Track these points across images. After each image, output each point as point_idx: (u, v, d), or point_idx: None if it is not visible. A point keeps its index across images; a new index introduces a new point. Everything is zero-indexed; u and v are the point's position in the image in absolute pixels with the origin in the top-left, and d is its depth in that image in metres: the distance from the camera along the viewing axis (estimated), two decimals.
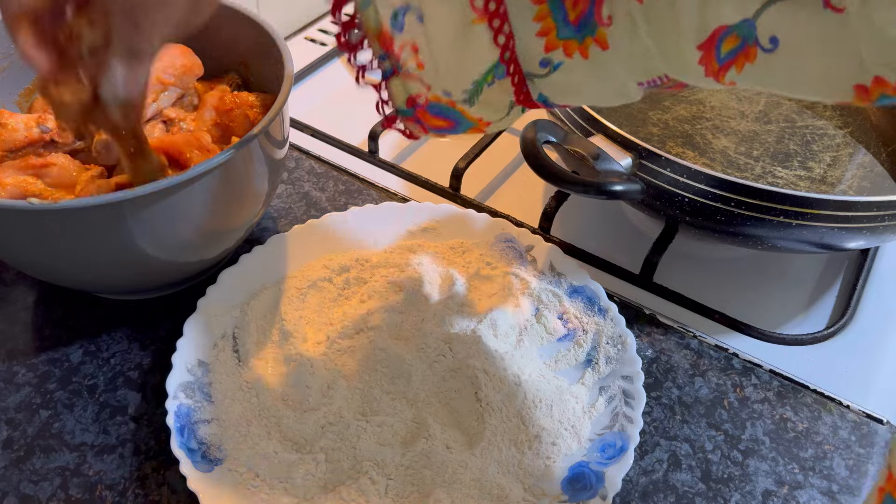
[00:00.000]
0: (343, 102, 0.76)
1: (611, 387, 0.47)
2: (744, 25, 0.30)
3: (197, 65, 0.54)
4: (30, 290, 0.55)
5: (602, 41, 0.33)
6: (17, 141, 0.49)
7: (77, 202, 0.40)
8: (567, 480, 0.43)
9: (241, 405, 0.45)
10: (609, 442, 0.44)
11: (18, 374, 0.49)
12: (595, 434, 0.45)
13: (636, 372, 0.47)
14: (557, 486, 0.42)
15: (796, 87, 0.31)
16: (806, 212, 0.46)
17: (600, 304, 0.52)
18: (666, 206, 0.51)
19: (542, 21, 0.33)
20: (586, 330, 0.50)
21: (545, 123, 0.51)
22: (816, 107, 0.68)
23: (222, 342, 0.48)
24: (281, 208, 0.62)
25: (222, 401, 0.45)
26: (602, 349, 0.49)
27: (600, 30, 0.33)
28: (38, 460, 0.45)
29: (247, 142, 0.44)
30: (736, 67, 0.31)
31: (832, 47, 0.29)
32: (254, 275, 0.52)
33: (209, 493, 0.40)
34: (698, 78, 0.33)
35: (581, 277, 0.53)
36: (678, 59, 0.32)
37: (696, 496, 0.44)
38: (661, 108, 0.66)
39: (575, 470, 0.43)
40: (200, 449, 0.43)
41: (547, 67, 0.35)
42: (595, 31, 0.33)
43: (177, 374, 0.46)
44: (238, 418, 0.45)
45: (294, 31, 0.87)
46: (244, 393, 0.46)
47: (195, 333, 0.48)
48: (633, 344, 0.49)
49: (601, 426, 0.45)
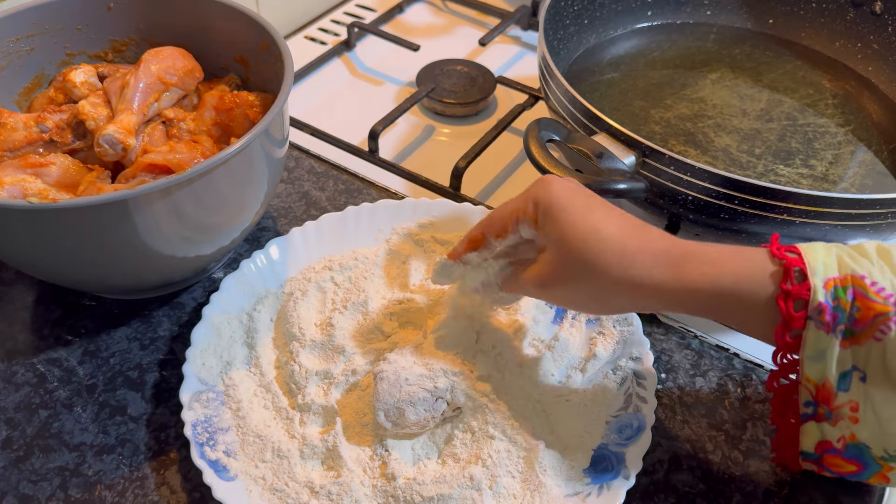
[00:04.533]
0: (343, 102, 0.76)
1: (622, 368, 0.47)
2: None
3: (198, 68, 0.54)
4: (29, 290, 0.54)
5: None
6: (16, 140, 0.49)
7: (77, 201, 0.39)
8: (589, 464, 0.43)
9: (257, 411, 0.45)
10: (626, 423, 0.44)
11: (18, 374, 0.49)
12: (611, 416, 0.45)
13: (645, 353, 0.47)
14: (580, 472, 0.43)
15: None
16: (809, 209, 0.46)
17: None
18: (669, 203, 0.51)
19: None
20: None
21: (549, 122, 0.50)
22: (818, 104, 0.67)
23: (231, 349, 0.48)
24: (281, 207, 0.61)
25: (238, 408, 0.45)
26: (608, 332, 0.49)
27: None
28: (37, 460, 0.45)
29: (247, 141, 0.44)
30: None
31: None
32: (256, 280, 0.52)
33: (236, 502, 0.40)
34: None
35: None
36: None
37: (697, 496, 0.44)
38: (664, 106, 0.66)
39: (595, 453, 0.43)
40: (220, 459, 0.43)
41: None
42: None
43: (189, 385, 0.45)
44: (256, 424, 0.44)
45: (294, 30, 0.87)
46: (259, 399, 0.46)
47: (203, 342, 0.48)
48: (640, 325, 0.49)
49: (616, 408, 0.46)
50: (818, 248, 0.36)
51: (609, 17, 0.73)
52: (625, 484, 0.42)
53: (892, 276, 0.34)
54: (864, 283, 0.34)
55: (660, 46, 0.74)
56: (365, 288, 0.52)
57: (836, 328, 0.34)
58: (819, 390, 0.36)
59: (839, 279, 0.35)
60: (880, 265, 0.35)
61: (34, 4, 0.53)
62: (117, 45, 0.58)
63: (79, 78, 0.53)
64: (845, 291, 0.34)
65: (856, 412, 0.35)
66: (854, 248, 0.36)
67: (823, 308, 0.34)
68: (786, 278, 0.35)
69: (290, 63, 0.50)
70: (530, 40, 0.86)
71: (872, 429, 0.36)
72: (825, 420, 0.37)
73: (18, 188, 0.45)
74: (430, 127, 0.73)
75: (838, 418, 0.36)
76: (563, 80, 0.54)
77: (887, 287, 0.34)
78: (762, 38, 0.76)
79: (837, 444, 0.37)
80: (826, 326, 0.34)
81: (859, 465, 0.38)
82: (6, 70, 0.54)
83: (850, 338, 0.34)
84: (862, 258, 0.35)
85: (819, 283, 0.34)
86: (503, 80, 0.75)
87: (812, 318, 0.35)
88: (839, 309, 0.34)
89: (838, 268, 0.35)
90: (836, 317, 0.34)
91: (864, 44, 0.72)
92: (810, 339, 0.35)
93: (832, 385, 0.35)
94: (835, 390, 0.35)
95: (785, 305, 0.35)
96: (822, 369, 0.35)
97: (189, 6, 0.56)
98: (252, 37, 0.54)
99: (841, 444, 0.37)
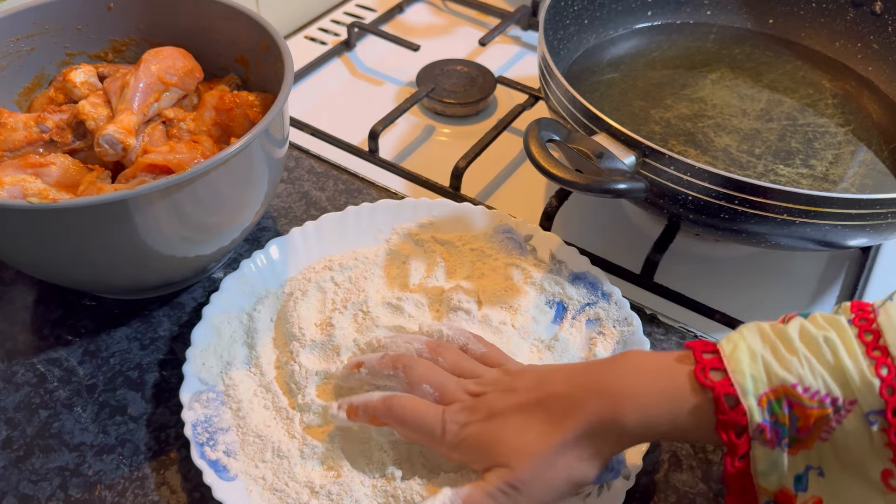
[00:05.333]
0: (343, 102, 0.76)
1: None
2: None
3: (198, 69, 0.54)
4: (29, 290, 0.54)
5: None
6: (16, 140, 0.49)
7: (77, 201, 0.39)
8: None
9: (257, 411, 0.45)
10: None
11: (18, 374, 0.49)
12: None
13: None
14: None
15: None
16: (809, 209, 0.46)
17: (603, 290, 0.52)
18: (669, 203, 0.51)
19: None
20: (596, 317, 0.51)
21: (548, 122, 0.50)
22: (818, 104, 0.67)
23: (231, 349, 0.48)
24: (281, 207, 0.61)
25: (238, 408, 0.45)
26: (608, 332, 0.49)
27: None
28: (37, 460, 0.45)
29: (247, 141, 0.44)
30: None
31: None
32: (256, 279, 0.52)
33: (236, 502, 0.40)
34: None
35: (582, 264, 0.53)
36: None
37: (697, 496, 0.44)
38: (664, 106, 0.66)
39: None
40: (221, 459, 0.43)
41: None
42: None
43: (190, 385, 0.45)
44: (256, 424, 0.44)
45: (294, 30, 0.87)
46: (260, 399, 0.46)
47: (203, 342, 0.48)
48: (640, 326, 0.49)
49: None
50: (742, 358, 0.35)
51: (609, 17, 0.73)
52: (625, 484, 0.42)
53: (821, 370, 0.33)
54: (797, 392, 0.33)
55: (660, 46, 0.74)
56: (365, 288, 0.52)
57: (781, 442, 0.34)
58: (778, 496, 0.35)
59: (771, 392, 0.34)
60: (807, 359, 0.33)
61: (34, 4, 0.53)
62: (117, 45, 0.58)
63: (79, 78, 0.53)
64: (780, 405, 0.33)
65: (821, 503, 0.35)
66: (778, 336, 0.35)
67: (763, 427, 0.33)
68: (719, 408, 0.34)
69: (290, 63, 0.50)
70: (530, 40, 0.86)
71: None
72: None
73: (18, 188, 0.45)
74: (430, 127, 0.73)
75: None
76: (563, 80, 0.54)
77: (821, 388, 0.33)
78: (762, 38, 0.76)
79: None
80: (770, 443, 0.34)
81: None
82: (6, 70, 0.54)
83: (797, 444, 0.34)
84: (789, 356, 0.34)
85: (753, 403, 0.34)
86: (503, 80, 0.75)
87: (755, 437, 0.34)
88: (778, 424, 0.33)
89: (767, 379, 0.34)
90: (777, 432, 0.34)
91: (864, 44, 0.72)
92: (759, 457, 0.34)
93: (790, 489, 0.35)
94: (793, 492, 0.35)
95: (726, 435, 0.34)
96: (777, 479, 0.34)
97: (189, 6, 0.56)
98: (252, 37, 0.54)
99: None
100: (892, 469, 0.32)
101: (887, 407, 0.31)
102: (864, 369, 0.32)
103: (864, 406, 0.32)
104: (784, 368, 0.34)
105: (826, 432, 0.33)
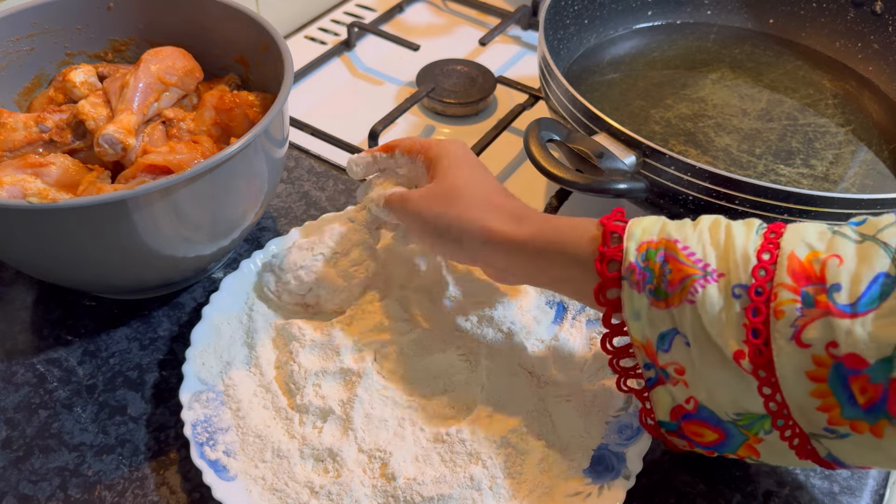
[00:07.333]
0: (343, 102, 0.76)
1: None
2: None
3: (197, 68, 0.54)
4: (29, 290, 0.54)
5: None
6: (16, 140, 0.49)
7: (76, 201, 0.39)
8: (589, 464, 0.43)
9: (257, 411, 0.45)
10: (626, 423, 0.44)
11: (17, 374, 0.49)
12: (611, 416, 0.45)
13: None
14: (580, 472, 0.43)
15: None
16: (810, 209, 0.46)
17: None
18: (670, 203, 0.51)
19: (823, 399, 0.32)
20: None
21: (548, 121, 0.50)
22: (818, 104, 0.67)
23: (231, 349, 0.48)
24: (281, 207, 0.61)
25: (238, 408, 0.45)
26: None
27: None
28: (37, 460, 0.45)
29: (246, 141, 0.44)
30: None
31: None
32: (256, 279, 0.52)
33: (236, 502, 0.40)
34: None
35: None
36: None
37: (697, 496, 0.44)
38: (664, 106, 0.66)
39: (596, 453, 0.43)
40: (220, 459, 0.43)
41: (834, 434, 0.33)
42: (891, 418, 0.31)
43: (189, 385, 0.45)
44: (256, 424, 0.44)
45: (294, 30, 0.87)
46: (259, 399, 0.46)
47: (203, 342, 0.47)
48: None
49: (616, 408, 0.45)
50: (648, 218, 0.38)
51: (609, 17, 0.73)
52: (625, 484, 0.42)
53: (710, 247, 0.35)
54: (676, 247, 0.35)
55: (660, 46, 0.74)
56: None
57: (646, 287, 0.35)
58: (646, 350, 0.37)
59: (653, 243, 0.36)
60: (702, 235, 0.35)
61: (34, 4, 0.53)
62: (117, 45, 0.58)
63: (79, 78, 0.53)
64: (656, 253, 0.35)
65: (682, 375, 0.36)
66: (694, 221, 0.37)
67: (633, 268, 0.36)
68: (604, 242, 0.37)
69: (290, 63, 0.50)
70: (530, 40, 0.86)
71: (705, 394, 0.36)
72: (667, 381, 0.37)
73: (18, 188, 0.45)
74: (430, 127, 0.73)
75: (673, 380, 0.37)
76: (563, 80, 0.54)
77: (698, 253, 0.35)
78: (762, 37, 0.76)
79: (688, 406, 0.37)
80: (637, 286, 0.36)
81: (720, 431, 0.37)
82: (6, 70, 0.54)
83: (665, 299, 0.35)
84: (690, 228, 0.36)
85: (633, 246, 0.36)
86: (503, 79, 0.75)
87: (626, 278, 0.36)
88: (647, 269, 0.35)
89: (658, 235, 0.36)
90: (644, 276, 0.35)
91: (864, 44, 0.72)
92: (626, 299, 0.36)
93: (652, 344, 0.36)
94: (654, 349, 0.36)
95: (601, 266, 0.37)
96: (641, 329, 0.36)
97: (189, 6, 0.56)
98: (252, 37, 0.54)
99: (692, 405, 0.37)
100: (744, 350, 0.33)
101: (752, 285, 0.33)
102: (748, 248, 0.34)
103: (733, 279, 0.34)
104: (676, 231, 0.36)
105: (692, 294, 0.34)
